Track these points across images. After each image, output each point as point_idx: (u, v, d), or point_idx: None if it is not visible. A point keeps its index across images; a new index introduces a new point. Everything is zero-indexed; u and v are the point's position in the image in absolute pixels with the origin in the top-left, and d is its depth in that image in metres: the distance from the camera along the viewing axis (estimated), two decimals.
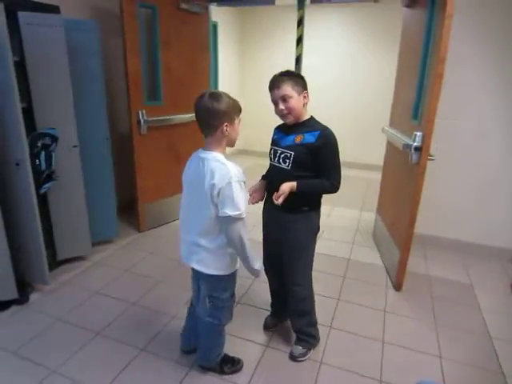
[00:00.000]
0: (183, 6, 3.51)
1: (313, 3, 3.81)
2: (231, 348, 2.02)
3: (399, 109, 3.07)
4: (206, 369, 1.96)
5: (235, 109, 1.60)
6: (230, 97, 1.59)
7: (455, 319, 2.42)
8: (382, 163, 3.51)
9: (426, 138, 2.30)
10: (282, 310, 2.25)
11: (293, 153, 1.80)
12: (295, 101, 1.78)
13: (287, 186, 1.77)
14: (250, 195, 1.96)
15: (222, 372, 1.93)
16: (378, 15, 5.51)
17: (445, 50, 2.13)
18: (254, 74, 6.38)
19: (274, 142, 1.93)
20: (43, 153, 2.39)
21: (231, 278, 1.77)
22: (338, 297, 2.61)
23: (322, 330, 2.24)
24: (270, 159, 1.92)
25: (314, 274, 2.04)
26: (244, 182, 1.58)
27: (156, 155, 3.52)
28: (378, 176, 3.71)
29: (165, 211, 3.74)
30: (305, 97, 1.81)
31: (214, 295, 1.74)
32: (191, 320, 1.96)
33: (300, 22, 3.67)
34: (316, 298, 2.54)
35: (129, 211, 3.71)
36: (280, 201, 1.76)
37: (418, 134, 2.34)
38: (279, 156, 1.85)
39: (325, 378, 1.94)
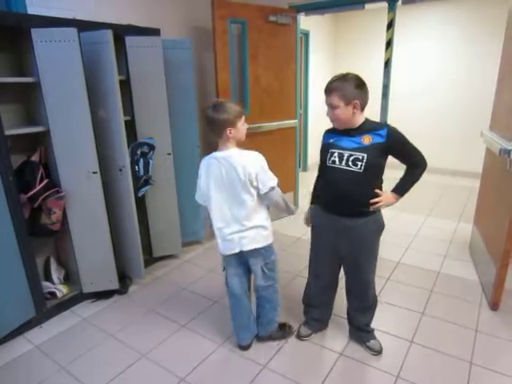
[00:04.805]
0: (272, 18, 3.64)
1: (404, 4, 3.63)
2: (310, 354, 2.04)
3: (502, 112, 2.79)
4: (266, 339, 2.21)
5: (236, 115, 1.82)
6: (231, 105, 1.83)
7: None
8: None
9: None
10: (324, 318, 2.29)
11: (365, 155, 1.77)
12: (340, 111, 1.77)
13: (390, 201, 1.89)
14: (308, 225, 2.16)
15: (283, 336, 2.24)
16: (480, 11, 5.12)
17: None
18: None
19: (334, 145, 1.88)
20: (142, 160, 2.69)
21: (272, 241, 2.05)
22: (423, 311, 2.46)
23: (401, 344, 2.16)
24: (333, 162, 1.86)
25: (396, 285, 1.96)
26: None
27: None
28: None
29: None
30: (355, 106, 1.76)
31: (267, 261, 2.03)
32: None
33: (390, 25, 3.54)
34: (397, 310, 2.48)
35: None
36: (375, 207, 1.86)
37: None
38: (347, 159, 1.81)
39: None
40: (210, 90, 3.62)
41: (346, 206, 1.87)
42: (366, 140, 1.79)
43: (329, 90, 1.79)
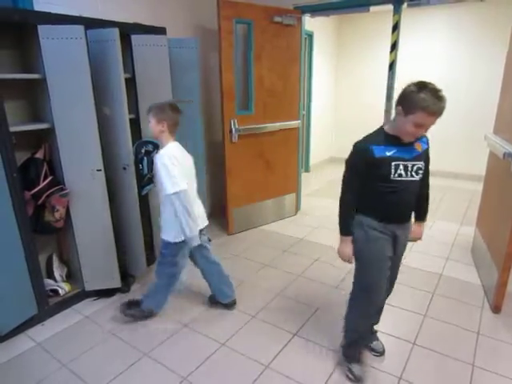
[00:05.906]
0: (277, 19, 3.64)
1: (410, 7, 3.63)
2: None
3: (506, 115, 2.79)
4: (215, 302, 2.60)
5: None
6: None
7: None
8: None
9: None
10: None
11: (423, 162, 1.75)
12: None
13: (422, 232, 1.98)
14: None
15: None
16: (485, 14, 5.15)
17: None
18: (350, 80, 6.32)
19: (395, 158, 1.70)
20: (146, 158, 2.68)
21: None
22: (425, 313, 2.45)
23: (404, 346, 2.17)
24: (400, 176, 1.71)
25: (398, 287, 1.96)
26: None
27: (246, 162, 3.69)
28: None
29: (252, 216, 3.89)
30: None
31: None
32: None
33: (395, 28, 3.54)
34: (400, 312, 2.48)
35: (219, 215, 3.95)
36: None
37: None
38: (411, 169, 1.72)
39: None
40: (214, 89, 3.63)
41: (406, 214, 1.85)
42: (419, 147, 1.74)
43: (443, 110, 1.62)
